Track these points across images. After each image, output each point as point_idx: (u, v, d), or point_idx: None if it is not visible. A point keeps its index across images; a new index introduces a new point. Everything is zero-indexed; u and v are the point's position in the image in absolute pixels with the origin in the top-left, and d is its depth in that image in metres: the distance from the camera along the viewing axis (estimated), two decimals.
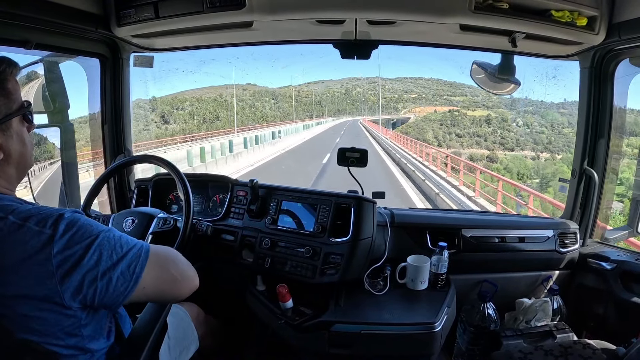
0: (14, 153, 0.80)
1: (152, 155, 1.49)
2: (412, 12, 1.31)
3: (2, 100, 0.76)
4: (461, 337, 1.56)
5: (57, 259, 0.71)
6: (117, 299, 0.78)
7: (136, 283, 0.79)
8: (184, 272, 0.91)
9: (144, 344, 0.99)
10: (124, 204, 1.88)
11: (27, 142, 0.83)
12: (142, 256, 0.81)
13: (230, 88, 73.59)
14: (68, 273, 0.72)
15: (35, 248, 0.71)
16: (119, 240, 0.80)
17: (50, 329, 0.74)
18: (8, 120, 0.77)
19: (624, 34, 1.33)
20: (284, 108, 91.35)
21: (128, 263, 0.79)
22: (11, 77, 0.78)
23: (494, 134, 62.86)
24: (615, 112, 1.62)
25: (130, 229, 1.32)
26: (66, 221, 0.74)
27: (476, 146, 61.28)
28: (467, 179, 11.46)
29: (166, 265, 0.87)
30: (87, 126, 1.85)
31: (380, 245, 1.55)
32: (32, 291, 0.71)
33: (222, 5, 1.31)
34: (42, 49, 1.38)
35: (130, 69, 1.79)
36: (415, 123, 74.40)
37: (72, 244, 0.73)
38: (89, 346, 0.83)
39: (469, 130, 66.59)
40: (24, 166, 0.84)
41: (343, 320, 1.30)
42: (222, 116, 65.92)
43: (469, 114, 70.92)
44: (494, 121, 64.63)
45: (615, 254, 1.61)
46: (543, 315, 1.57)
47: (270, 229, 1.56)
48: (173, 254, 0.92)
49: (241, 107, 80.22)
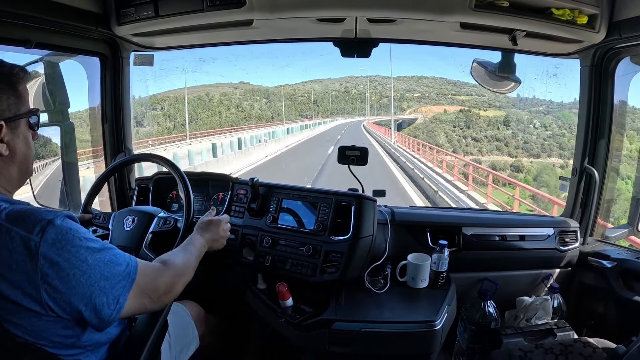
0: (19, 153, 0.82)
1: (153, 154, 1.49)
2: (412, 10, 1.31)
3: (13, 100, 0.79)
4: (461, 335, 1.56)
5: (43, 272, 0.70)
6: (101, 324, 0.78)
7: (119, 312, 0.79)
8: (162, 292, 0.91)
9: (145, 342, 1.00)
10: (125, 203, 1.88)
11: (32, 146, 0.86)
12: (127, 286, 0.81)
13: (221, 86, 70.74)
14: (53, 288, 0.71)
15: (22, 254, 0.70)
16: (109, 265, 0.78)
17: (43, 334, 0.74)
18: (17, 120, 0.80)
19: (624, 32, 1.33)
20: (276, 108, 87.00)
21: (115, 295, 0.78)
22: (22, 81, 0.82)
23: (514, 137, 54.89)
24: (615, 110, 1.62)
25: (130, 228, 1.32)
26: (55, 229, 0.72)
27: (497, 152, 53.05)
28: (501, 197, 9.56)
29: (145, 291, 0.86)
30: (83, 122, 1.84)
31: (381, 243, 1.55)
32: (19, 299, 0.70)
33: (222, 3, 1.31)
34: (42, 48, 1.38)
35: (131, 67, 1.79)
36: (424, 124, 66.69)
37: (59, 257, 0.72)
38: (90, 344, 0.83)
39: (485, 132, 58.33)
40: (26, 169, 0.85)
41: (343, 318, 1.30)
42: (202, 117, 62.55)
43: (482, 114, 64.25)
44: (513, 123, 57.73)
45: (616, 252, 1.61)
46: (543, 314, 1.57)
47: (270, 227, 1.56)
48: (154, 275, 0.91)
49: (226, 106, 75.91)
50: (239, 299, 1.57)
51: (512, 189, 9.97)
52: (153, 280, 0.89)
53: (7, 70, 0.79)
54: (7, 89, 0.78)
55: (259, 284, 1.51)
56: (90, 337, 0.83)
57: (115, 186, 1.88)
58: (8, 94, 0.78)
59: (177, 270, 0.97)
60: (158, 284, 0.90)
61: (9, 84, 0.79)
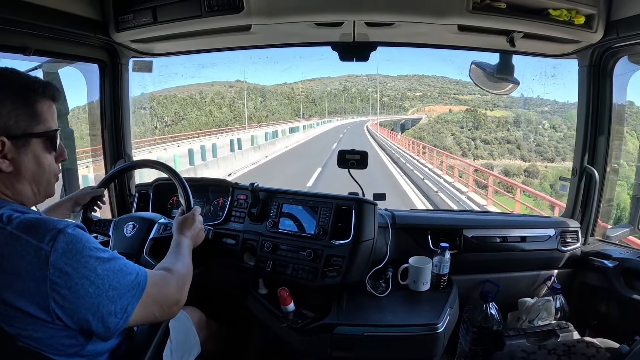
0: (25, 171, 0.79)
1: (153, 160, 1.49)
2: (409, 13, 1.31)
3: (25, 117, 0.77)
4: (464, 337, 1.56)
5: (52, 281, 0.70)
6: (107, 334, 0.78)
7: (126, 321, 0.79)
8: (172, 302, 0.91)
9: (147, 348, 1.00)
10: (125, 209, 1.88)
11: (46, 166, 0.83)
12: (137, 295, 0.80)
13: (216, 85, 68.56)
14: (62, 297, 0.71)
15: (32, 263, 0.70)
16: (118, 275, 0.78)
17: (47, 341, 0.73)
18: (26, 139, 0.77)
19: (622, 32, 1.34)
20: (271, 107, 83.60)
21: (123, 305, 0.78)
22: (43, 100, 0.79)
23: (526, 139, 51.49)
24: (614, 109, 1.62)
25: (131, 234, 1.32)
26: (66, 239, 0.72)
27: (509, 155, 49.51)
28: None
29: (157, 301, 0.86)
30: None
31: (382, 247, 1.54)
32: (26, 307, 0.70)
33: (221, 9, 1.31)
34: (41, 55, 1.39)
35: (130, 74, 1.80)
36: (429, 125, 62.18)
37: (68, 266, 0.72)
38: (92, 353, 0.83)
39: (495, 134, 54.62)
40: (39, 188, 0.83)
41: (345, 322, 1.30)
42: (190, 117, 59.78)
43: (488, 114, 59.90)
44: (523, 123, 53.67)
45: (617, 252, 1.60)
46: (545, 315, 1.57)
47: (271, 232, 1.55)
48: (164, 284, 0.90)
49: (217, 105, 72.78)
50: (240, 304, 1.56)
51: (533, 200, 8.72)
52: (162, 290, 0.88)
53: (24, 83, 0.77)
54: (19, 105, 0.76)
55: (260, 289, 1.51)
56: (93, 347, 0.82)
57: (116, 192, 1.88)
58: (19, 110, 0.76)
59: (182, 277, 0.97)
60: (168, 293, 0.89)
61: (23, 100, 0.76)
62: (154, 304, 0.85)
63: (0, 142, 0.74)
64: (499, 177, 11.69)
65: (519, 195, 8.58)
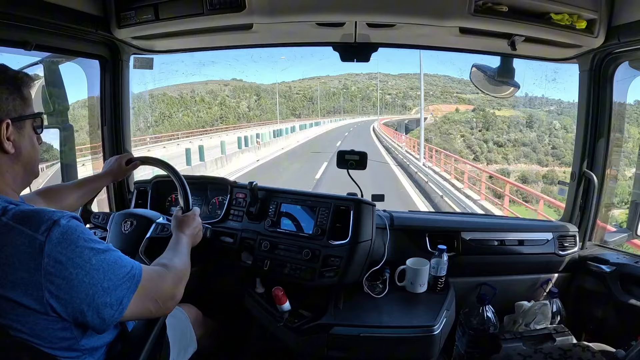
0: (25, 152, 0.85)
1: (152, 157, 1.49)
2: (411, 15, 1.31)
3: (19, 102, 0.83)
4: (460, 340, 1.56)
5: (47, 270, 0.70)
6: (102, 325, 0.78)
7: (121, 314, 0.79)
8: (168, 297, 0.91)
9: (143, 344, 0.99)
10: (123, 206, 1.88)
11: (37, 148, 0.89)
12: (131, 288, 0.81)
13: (211, 84, 66.27)
14: (57, 287, 0.71)
15: (26, 253, 0.70)
16: (113, 266, 0.78)
17: (41, 334, 0.73)
18: (23, 120, 0.83)
19: (623, 37, 1.34)
20: (266, 106, 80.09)
21: (118, 296, 0.78)
22: (27, 86, 0.86)
23: (540, 141, 45.94)
24: (614, 114, 1.62)
25: (128, 232, 1.31)
26: (61, 229, 0.73)
27: (524, 159, 43.91)
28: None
29: (151, 295, 0.86)
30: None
31: (380, 247, 1.54)
32: (20, 298, 0.70)
33: (222, 7, 1.31)
34: (42, 50, 1.38)
35: (130, 70, 1.79)
36: (435, 126, 55.83)
37: (63, 256, 0.72)
38: (88, 347, 0.83)
39: (508, 135, 48.98)
40: (31, 170, 0.88)
41: (342, 323, 1.30)
42: (175, 117, 58.30)
43: (497, 114, 55.01)
44: (535, 124, 49.27)
45: (615, 257, 1.61)
46: (542, 318, 1.57)
47: (269, 231, 1.55)
48: (159, 279, 0.91)
49: (207, 104, 70.52)
50: (237, 302, 1.56)
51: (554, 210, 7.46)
52: (158, 284, 0.89)
53: (12, 73, 0.83)
54: (13, 90, 0.82)
55: (257, 288, 1.51)
56: (88, 341, 0.82)
57: (114, 189, 1.87)
58: (14, 95, 0.82)
59: (178, 274, 0.97)
60: (164, 288, 0.90)
61: (15, 86, 0.82)
62: (149, 298, 0.85)
63: (5, 125, 0.79)
64: (523, 187, 10.30)
65: (542, 207, 7.61)
